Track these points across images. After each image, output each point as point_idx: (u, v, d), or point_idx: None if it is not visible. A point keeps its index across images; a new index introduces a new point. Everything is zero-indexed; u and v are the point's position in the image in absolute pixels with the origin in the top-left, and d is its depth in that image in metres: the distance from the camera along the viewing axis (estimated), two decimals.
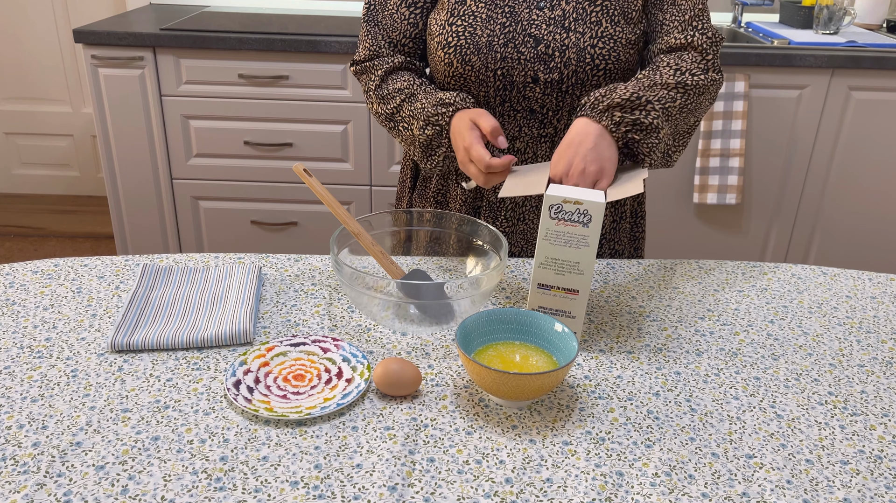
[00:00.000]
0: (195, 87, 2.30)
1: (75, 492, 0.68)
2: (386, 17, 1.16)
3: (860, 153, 2.37)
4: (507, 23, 1.07)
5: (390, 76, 1.16)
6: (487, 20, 1.08)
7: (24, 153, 3.37)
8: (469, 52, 1.08)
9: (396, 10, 1.15)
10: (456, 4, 1.10)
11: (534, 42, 1.07)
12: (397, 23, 1.15)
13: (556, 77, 1.08)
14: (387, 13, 1.16)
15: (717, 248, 2.51)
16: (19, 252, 2.96)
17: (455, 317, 0.94)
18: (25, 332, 0.92)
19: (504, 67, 1.08)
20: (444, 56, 1.10)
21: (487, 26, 1.08)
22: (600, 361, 0.91)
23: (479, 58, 1.08)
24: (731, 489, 0.72)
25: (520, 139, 1.14)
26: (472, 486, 0.71)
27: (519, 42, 1.07)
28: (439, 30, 1.11)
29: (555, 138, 1.14)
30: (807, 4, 2.56)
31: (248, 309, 0.96)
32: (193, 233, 2.51)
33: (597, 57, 1.07)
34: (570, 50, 1.07)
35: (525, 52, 1.07)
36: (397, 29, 1.16)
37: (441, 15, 1.11)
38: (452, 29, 1.09)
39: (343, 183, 2.42)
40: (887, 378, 0.90)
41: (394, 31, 1.16)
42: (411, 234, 1.11)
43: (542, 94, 1.10)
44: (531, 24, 1.07)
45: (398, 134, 1.15)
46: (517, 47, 1.07)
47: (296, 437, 0.76)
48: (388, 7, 1.15)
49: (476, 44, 1.08)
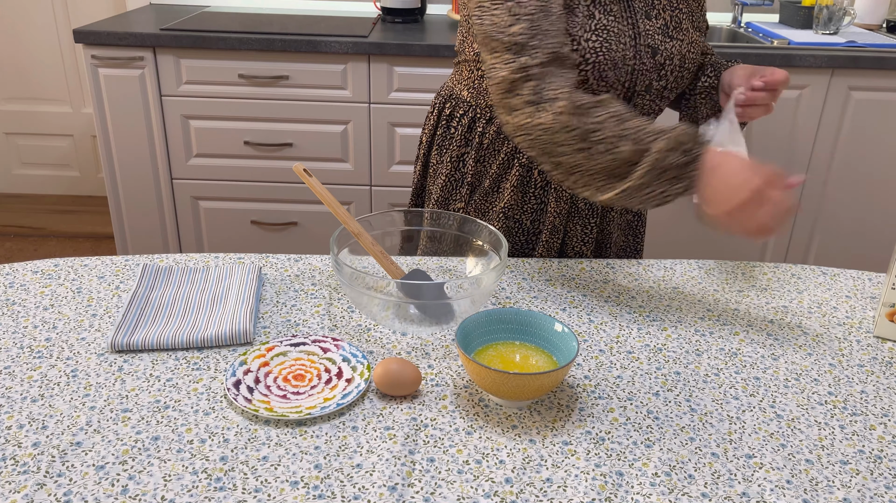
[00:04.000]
0: (195, 87, 2.30)
1: (75, 492, 0.68)
2: (554, 21, 0.98)
3: (860, 153, 2.37)
4: (632, 34, 1.07)
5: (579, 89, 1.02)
6: (619, 34, 1.06)
7: (24, 153, 3.37)
8: (606, 69, 1.05)
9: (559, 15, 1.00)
10: (585, 19, 1.03)
11: (651, 52, 1.08)
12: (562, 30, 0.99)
13: (664, 84, 1.11)
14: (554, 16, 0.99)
15: (717, 247, 2.51)
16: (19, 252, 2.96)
17: (455, 317, 0.94)
18: (25, 332, 0.92)
19: (631, 79, 1.08)
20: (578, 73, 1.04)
21: (620, 40, 1.05)
22: (600, 361, 0.91)
23: (614, 73, 1.06)
24: (731, 489, 0.72)
25: None
26: (472, 486, 0.71)
27: (642, 53, 1.07)
28: (573, 45, 1.03)
29: None
30: (807, 4, 2.56)
31: (248, 309, 0.96)
32: (193, 233, 2.51)
33: (691, 62, 1.12)
34: (676, 58, 1.10)
35: (646, 63, 1.08)
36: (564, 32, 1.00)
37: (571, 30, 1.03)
38: (588, 45, 1.03)
39: (343, 183, 2.42)
40: (887, 378, 0.90)
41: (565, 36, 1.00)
42: (411, 234, 1.11)
43: (650, 100, 1.12)
44: (647, 34, 1.08)
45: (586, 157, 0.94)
46: (641, 59, 1.07)
47: (296, 437, 0.76)
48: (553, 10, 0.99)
49: (612, 59, 1.05)
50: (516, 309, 0.89)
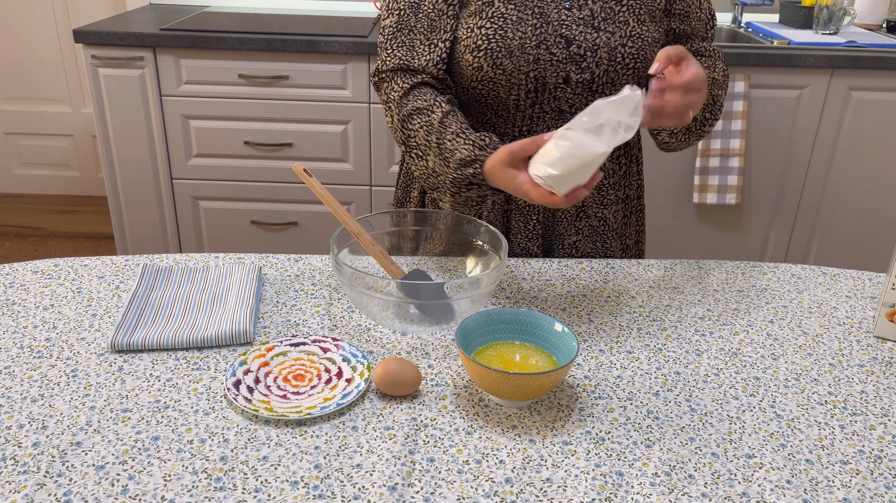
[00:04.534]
0: (195, 87, 2.30)
1: (75, 492, 0.68)
2: (422, 18, 1.08)
3: (860, 153, 2.37)
4: (538, 24, 1.06)
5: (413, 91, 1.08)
6: (518, 22, 1.05)
7: (24, 153, 3.37)
8: (500, 56, 1.05)
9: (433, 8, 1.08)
10: (483, 5, 1.07)
11: (565, 42, 1.06)
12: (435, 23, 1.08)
13: (587, 77, 1.08)
14: (422, 14, 1.08)
15: (717, 248, 2.51)
16: (19, 252, 2.96)
17: (455, 317, 0.94)
18: (25, 332, 0.92)
19: (536, 69, 1.06)
20: (472, 60, 1.07)
21: (518, 28, 1.05)
22: (600, 361, 0.91)
23: (511, 61, 1.06)
24: (731, 489, 0.72)
25: None
26: (471, 486, 0.71)
27: (551, 43, 1.06)
28: (467, 33, 1.07)
29: None
30: (807, 4, 2.56)
31: (248, 309, 0.96)
32: (193, 233, 2.51)
33: (627, 56, 1.08)
34: (602, 50, 1.07)
35: (557, 53, 1.06)
36: (436, 28, 1.08)
37: (466, 18, 1.07)
38: (482, 32, 1.06)
39: (343, 183, 2.42)
40: (887, 378, 0.90)
41: (433, 30, 1.08)
42: (411, 234, 1.11)
43: (573, 94, 1.09)
44: (561, 24, 1.06)
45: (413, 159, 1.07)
46: (549, 49, 1.06)
47: (296, 437, 0.76)
48: (423, 8, 1.08)
49: (508, 47, 1.05)
50: (516, 309, 0.89)
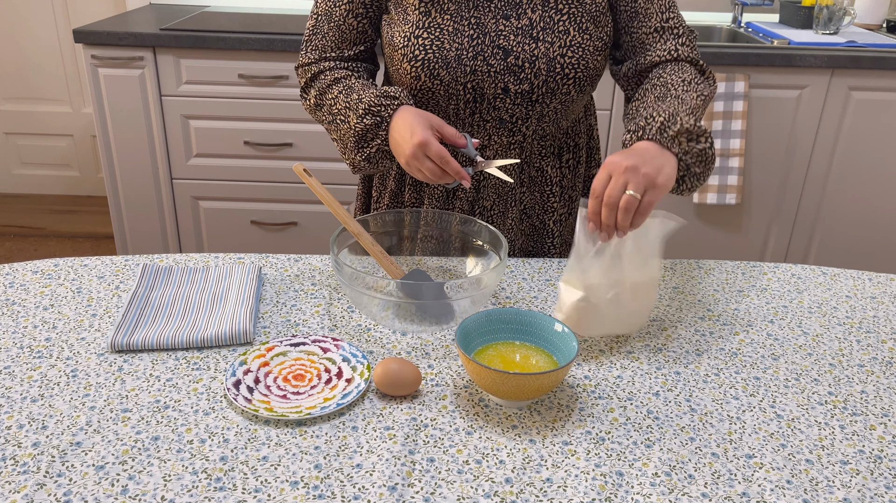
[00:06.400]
0: (195, 87, 2.30)
1: (75, 492, 0.68)
2: (332, 27, 1.13)
3: (860, 153, 2.37)
4: (475, 35, 1.05)
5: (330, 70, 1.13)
6: (455, 33, 1.05)
7: (24, 153, 3.37)
8: (437, 66, 1.05)
9: (343, 20, 1.12)
10: (421, 16, 1.06)
11: (503, 54, 1.05)
12: (346, 34, 1.13)
13: (526, 88, 1.07)
14: (333, 24, 1.13)
15: (717, 247, 2.51)
16: (19, 252, 2.96)
17: (455, 317, 0.94)
18: (25, 332, 0.92)
19: (474, 80, 1.06)
20: (410, 69, 1.07)
21: (455, 39, 1.05)
22: (600, 361, 0.91)
23: (447, 72, 1.05)
24: (731, 489, 0.72)
25: (489, 148, 1.13)
26: (471, 486, 0.71)
27: (488, 55, 1.05)
28: (404, 42, 1.07)
29: (523, 145, 1.13)
30: (807, 4, 2.56)
31: (248, 309, 0.96)
32: (193, 233, 2.51)
33: (566, 66, 1.06)
34: (540, 60, 1.05)
35: (495, 65, 1.05)
36: (346, 40, 1.13)
37: (404, 27, 1.07)
38: (419, 42, 1.06)
39: (343, 183, 2.42)
40: (887, 378, 0.90)
41: (343, 41, 1.13)
42: (411, 234, 1.11)
43: (513, 104, 1.08)
44: (499, 35, 1.05)
45: (335, 128, 1.10)
46: (486, 60, 1.05)
47: (296, 437, 0.76)
48: (335, 18, 1.12)
49: (444, 58, 1.05)
50: (516, 309, 0.89)
